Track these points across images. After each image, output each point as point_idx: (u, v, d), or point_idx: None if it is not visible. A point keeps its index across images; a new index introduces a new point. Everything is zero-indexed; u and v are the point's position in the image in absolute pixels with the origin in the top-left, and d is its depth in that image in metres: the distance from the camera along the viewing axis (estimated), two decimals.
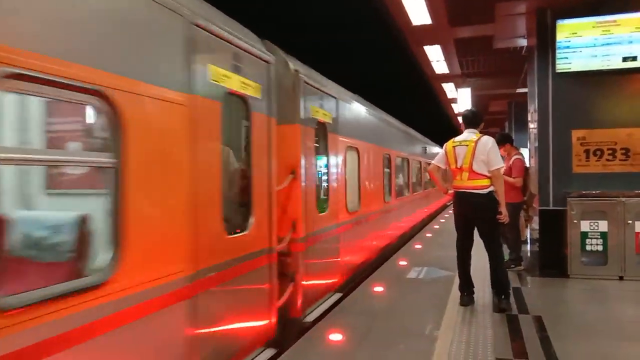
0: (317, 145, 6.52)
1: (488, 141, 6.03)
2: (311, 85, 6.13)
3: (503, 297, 5.97)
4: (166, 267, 3.10)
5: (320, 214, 6.37)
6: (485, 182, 5.92)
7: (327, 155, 6.79)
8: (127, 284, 2.72)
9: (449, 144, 6.23)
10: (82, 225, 3.10)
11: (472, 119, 6.35)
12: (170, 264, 3.15)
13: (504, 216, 5.93)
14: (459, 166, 6.04)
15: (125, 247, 2.71)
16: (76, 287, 2.42)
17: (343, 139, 7.36)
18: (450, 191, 6.38)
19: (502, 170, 6.18)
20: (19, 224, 3.28)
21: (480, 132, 6.25)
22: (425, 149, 18.20)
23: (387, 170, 10.81)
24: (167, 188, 3.16)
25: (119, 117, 2.71)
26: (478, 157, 5.92)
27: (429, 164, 6.76)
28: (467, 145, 6.02)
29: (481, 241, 6.12)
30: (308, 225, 5.82)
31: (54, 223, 3.18)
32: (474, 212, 6.05)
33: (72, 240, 3.06)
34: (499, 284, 6.05)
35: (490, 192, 5.94)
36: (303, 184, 5.71)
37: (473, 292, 6.26)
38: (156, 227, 3.04)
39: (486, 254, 6.12)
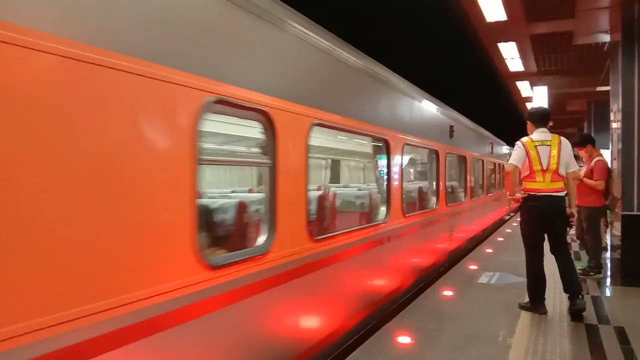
0: None
1: (568, 142, 5.90)
2: None
3: (581, 296, 5.78)
4: None
5: None
6: (563, 184, 5.79)
7: None
8: None
9: (529, 143, 5.83)
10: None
11: (546, 117, 6.07)
12: None
13: (575, 219, 5.94)
14: (544, 167, 5.72)
15: None
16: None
17: None
18: (520, 195, 5.87)
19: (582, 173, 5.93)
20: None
21: (554, 131, 6.06)
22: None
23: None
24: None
25: None
26: (563, 159, 5.74)
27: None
28: (549, 145, 5.76)
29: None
30: None
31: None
32: (556, 216, 5.78)
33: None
34: (574, 286, 5.80)
35: (566, 194, 5.86)
36: None
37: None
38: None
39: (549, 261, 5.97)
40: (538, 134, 5.90)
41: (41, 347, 2.17)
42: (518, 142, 5.92)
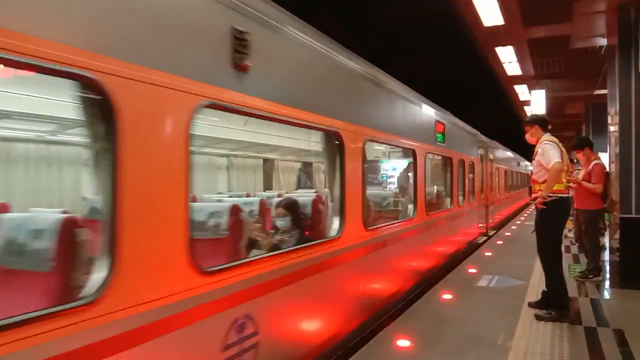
0: None
1: None
2: None
3: None
4: None
5: None
6: None
7: None
8: None
9: (558, 142, 5.81)
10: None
11: (548, 123, 6.25)
12: None
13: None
14: (567, 168, 5.87)
15: None
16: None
17: None
18: (552, 197, 5.64)
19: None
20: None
21: (553, 135, 6.10)
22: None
23: None
24: None
25: None
26: None
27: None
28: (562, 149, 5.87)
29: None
30: None
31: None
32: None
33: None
34: None
35: None
36: None
37: None
38: None
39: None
40: (552, 137, 5.94)
41: None
42: (549, 142, 5.76)
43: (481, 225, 13.96)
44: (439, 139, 9.18)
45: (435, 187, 10.75)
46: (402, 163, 11.63)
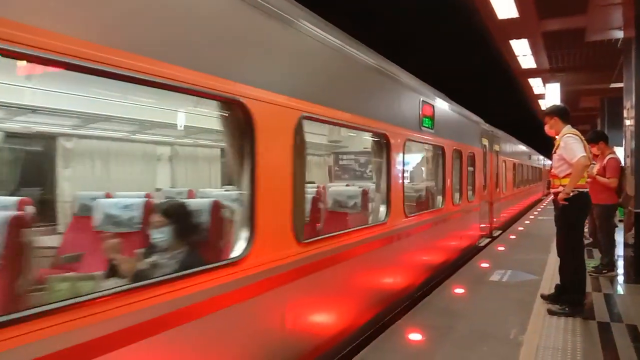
0: None
1: None
2: None
3: None
4: None
5: None
6: None
7: None
8: None
9: (580, 135, 5.63)
10: None
11: (569, 115, 6.02)
12: None
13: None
14: (589, 162, 5.72)
15: None
16: None
17: None
18: (574, 192, 5.49)
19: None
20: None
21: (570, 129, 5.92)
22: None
23: None
24: None
25: None
26: None
27: None
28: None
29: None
30: None
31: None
32: None
33: None
34: None
35: None
36: None
37: None
38: None
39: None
40: (574, 130, 5.75)
41: None
42: (572, 135, 5.58)
43: (483, 225, 12.34)
44: (426, 123, 7.58)
45: (422, 183, 9.67)
46: (415, 156, 11.28)
